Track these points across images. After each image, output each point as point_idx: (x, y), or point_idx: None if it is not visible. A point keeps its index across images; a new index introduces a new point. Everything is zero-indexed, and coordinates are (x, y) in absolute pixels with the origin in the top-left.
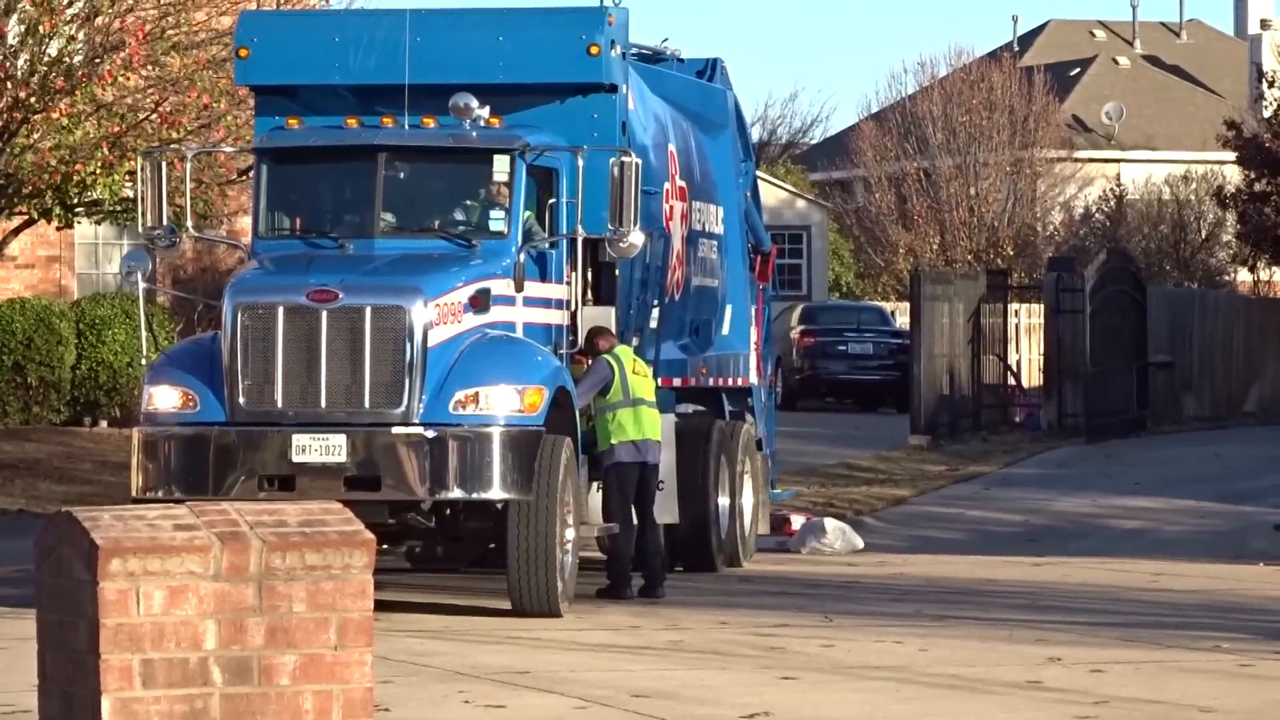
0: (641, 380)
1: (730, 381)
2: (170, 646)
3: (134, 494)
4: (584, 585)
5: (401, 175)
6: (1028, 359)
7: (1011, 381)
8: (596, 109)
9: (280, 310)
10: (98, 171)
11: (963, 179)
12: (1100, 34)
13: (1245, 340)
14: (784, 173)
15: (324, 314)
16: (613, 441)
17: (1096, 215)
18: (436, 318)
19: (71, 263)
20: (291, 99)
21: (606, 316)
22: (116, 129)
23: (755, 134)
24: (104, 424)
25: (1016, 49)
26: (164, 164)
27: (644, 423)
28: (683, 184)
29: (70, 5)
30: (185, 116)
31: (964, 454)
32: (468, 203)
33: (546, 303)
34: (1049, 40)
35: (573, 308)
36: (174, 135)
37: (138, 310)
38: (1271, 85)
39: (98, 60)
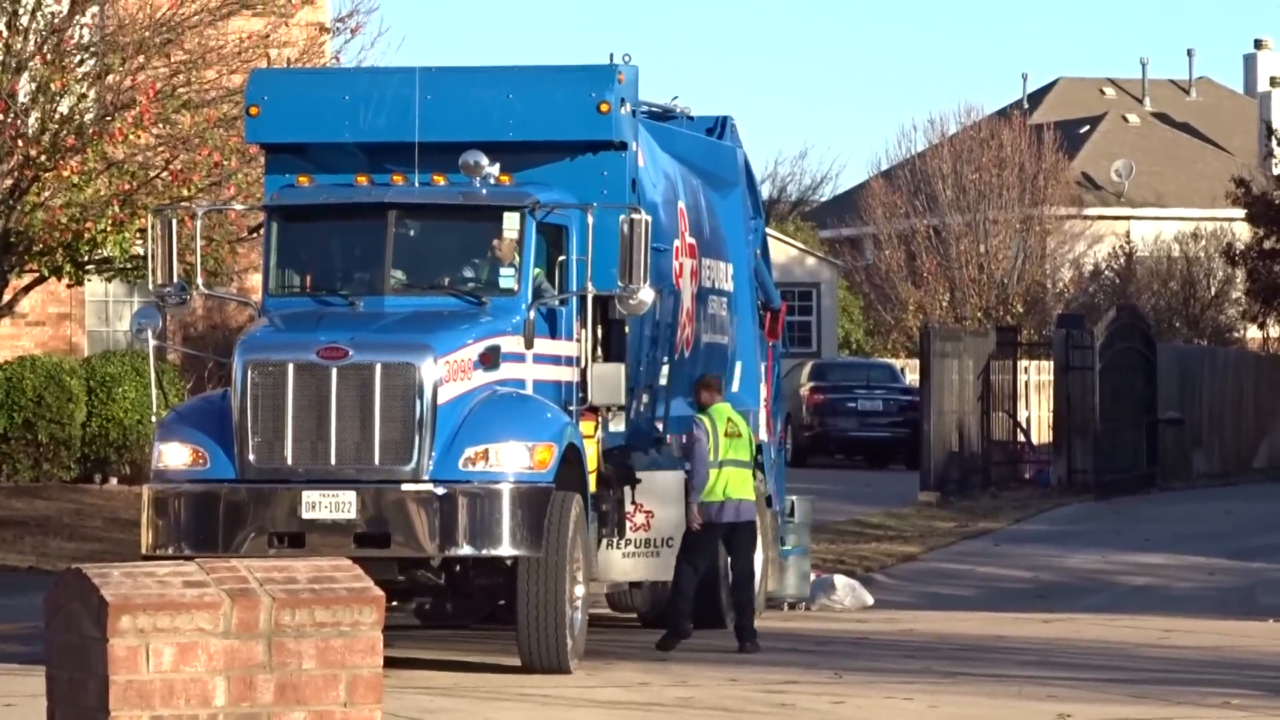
0: (733, 442)
1: None
2: (180, 703)
3: (144, 551)
4: (593, 643)
5: (411, 233)
6: (1037, 416)
7: (1021, 438)
8: (606, 166)
9: (290, 367)
10: (108, 229)
11: (972, 236)
12: (1110, 91)
13: (1255, 397)
14: (794, 230)
15: (334, 371)
16: (702, 500)
17: (1106, 272)
18: (446, 374)
19: (82, 320)
20: (302, 156)
21: (616, 374)
22: (127, 186)
23: (765, 191)
24: (114, 481)
25: (1026, 106)
26: (174, 221)
27: (730, 484)
28: (692, 241)
29: (81, 64)
30: (196, 174)
31: (974, 510)
32: (477, 260)
33: (556, 359)
34: (1058, 98)
35: (583, 364)
36: (184, 193)
37: (148, 367)
38: None
39: (108, 118)
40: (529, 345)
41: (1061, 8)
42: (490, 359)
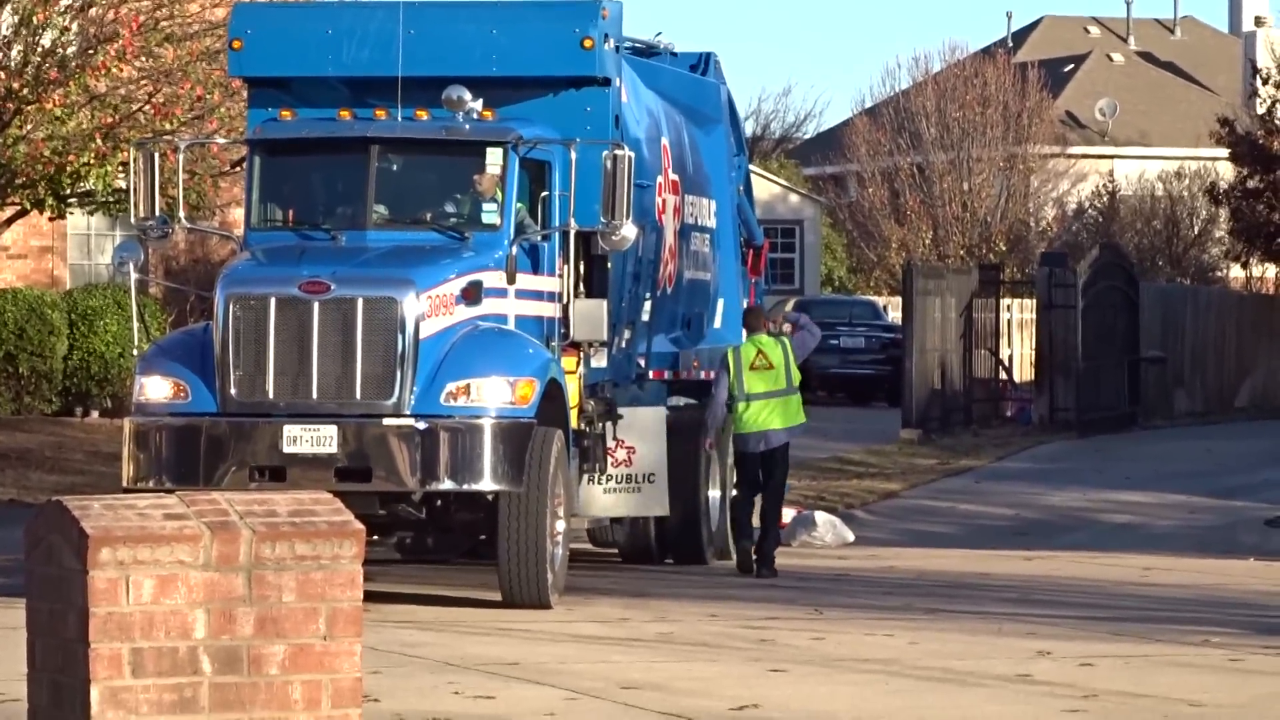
0: (761, 374)
1: None
2: (160, 636)
3: (125, 484)
4: (574, 579)
5: (394, 167)
6: (1020, 354)
7: (1003, 376)
8: (590, 102)
9: (272, 301)
10: (91, 162)
11: (956, 174)
12: (1094, 30)
13: (1237, 336)
14: (777, 167)
15: (316, 305)
16: (734, 432)
17: (1089, 211)
18: (428, 309)
19: (64, 253)
20: (284, 91)
21: (599, 310)
22: (110, 120)
23: (748, 128)
24: (95, 414)
25: (1011, 45)
26: (157, 155)
27: (759, 416)
28: (675, 177)
29: None
30: (178, 108)
31: (955, 448)
32: (460, 195)
33: (539, 295)
34: (1043, 36)
35: (565, 300)
36: (167, 126)
37: (130, 301)
38: (1265, 82)
39: (91, 51)
40: (511, 280)
41: None
42: (472, 294)
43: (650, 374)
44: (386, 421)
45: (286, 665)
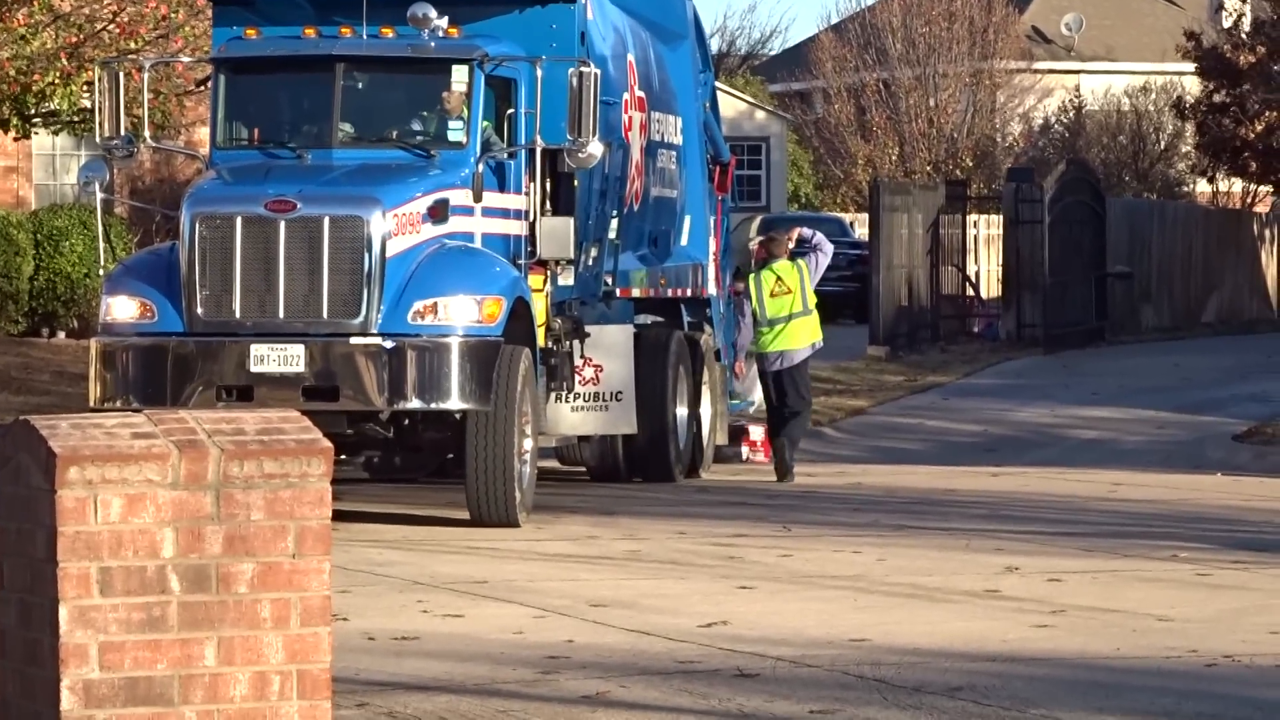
0: (780, 300)
1: (689, 292)
2: (128, 554)
3: (92, 404)
4: (542, 497)
5: (359, 85)
6: (986, 270)
7: (970, 292)
8: (555, 19)
9: (238, 220)
10: (56, 82)
11: (922, 90)
12: None
13: (1204, 251)
14: (743, 84)
15: (282, 224)
16: (759, 351)
17: (1055, 126)
18: (395, 228)
19: (29, 174)
20: (249, 9)
21: (565, 227)
22: (74, 39)
23: (714, 45)
24: (62, 335)
25: None
26: (122, 74)
27: (778, 338)
28: (641, 94)
29: None
30: (143, 27)
31: (922, 364)
32: (426, 113)
33: (505, 213)
34: None
35: (531, 218)
36: (132, 45)
37: (95, 221)
38: None
39: None
40: (477, 199)
41: None
42: (439, 212)
43: (617, 292)
44: (353, 340)
45: (255, 584)
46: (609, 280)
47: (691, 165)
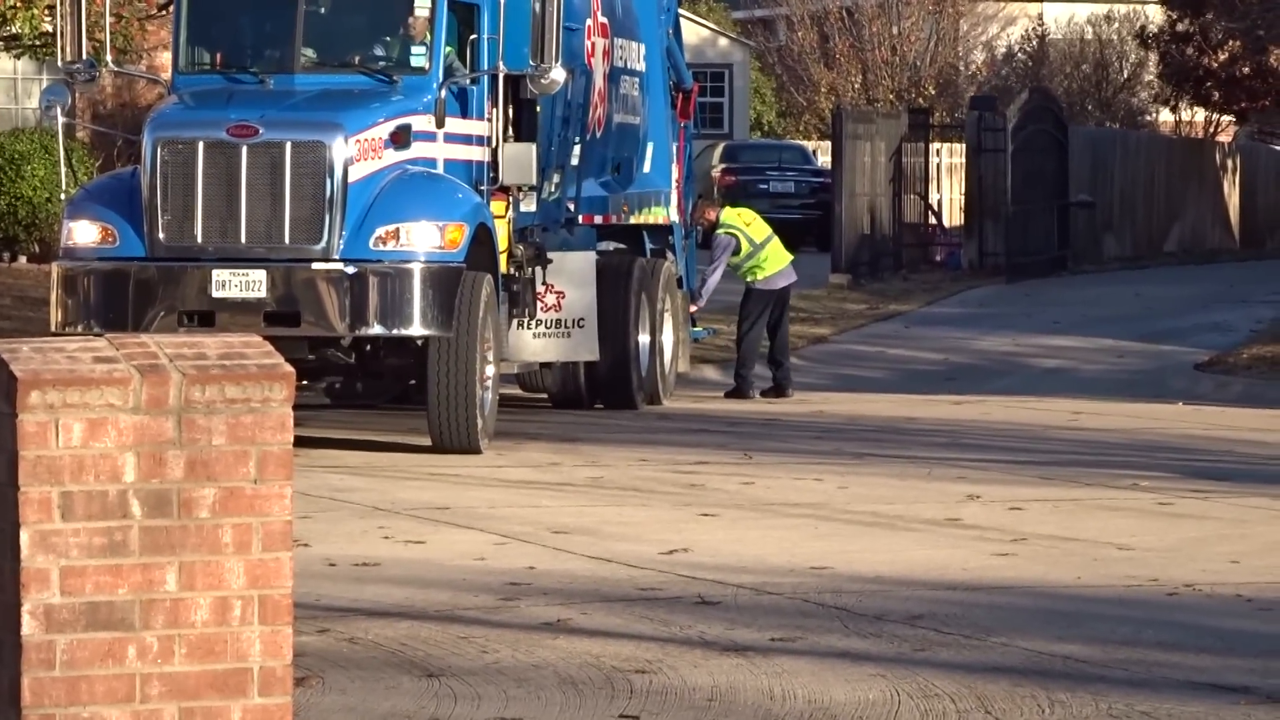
0: (756, 226)
1: (651, 219)
2: (90, 479)
3: (53, 329)
4: (504, 424)
5: (322, 10)
6: (949, 198)
7: (933, 221)
8: None
9: (200, 145)
10: (17, 5)
11: (885, 18)
12: None
13: (1166, 180)
14: (706, 10)
15: (244, 149)
16: (757, 278)
17: (1019, 55)
18: (357, 153)
19: None
20: None
21: (528, 153)
22: None
23: None
24: (23, 259)
25: None
26: None
27: (773, 258)
28: (604, 20)
29: None
30: None
31: (885, 293)
32: (389, 38)
33: (468, 139)
34: None
35: (494, 144)
36: None
37: (57, 145)
38: None
39: None
40: (440, 124)
41: None
42: (401, 138)
43: (580, 218)
44: (315, 266)
45: (217, 509)
46: (571, 207)
47: (654, 92)
